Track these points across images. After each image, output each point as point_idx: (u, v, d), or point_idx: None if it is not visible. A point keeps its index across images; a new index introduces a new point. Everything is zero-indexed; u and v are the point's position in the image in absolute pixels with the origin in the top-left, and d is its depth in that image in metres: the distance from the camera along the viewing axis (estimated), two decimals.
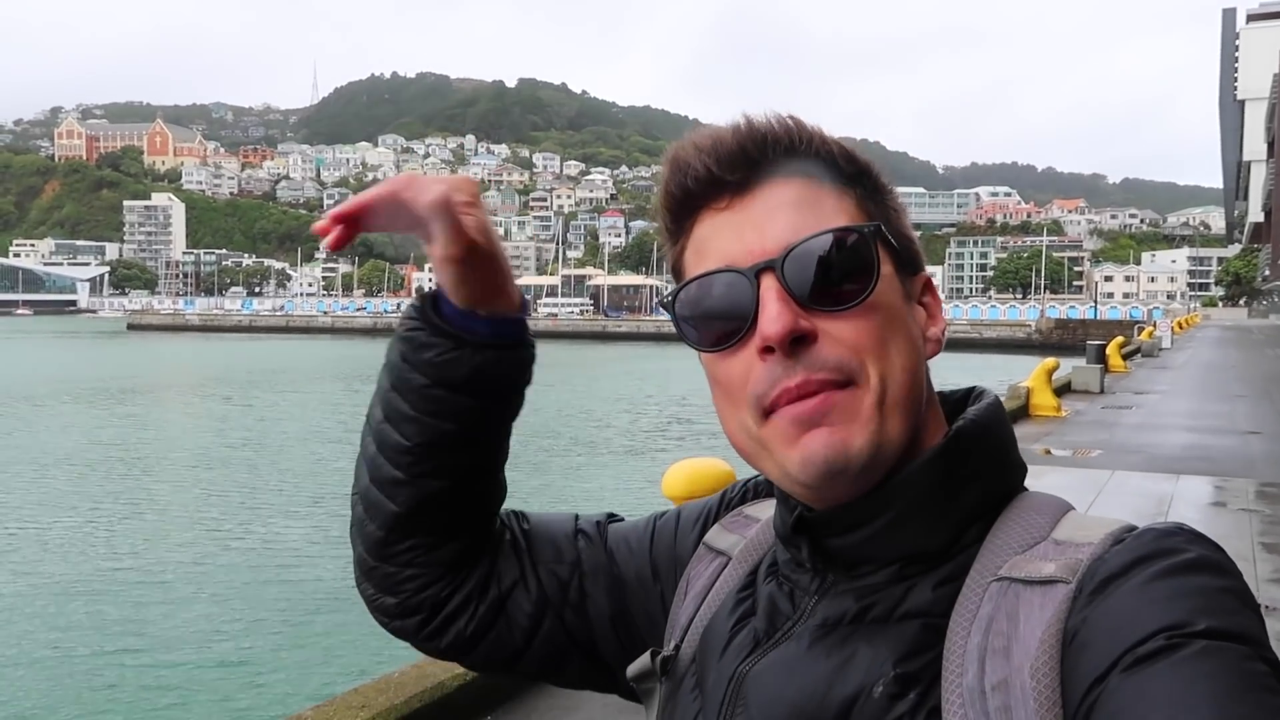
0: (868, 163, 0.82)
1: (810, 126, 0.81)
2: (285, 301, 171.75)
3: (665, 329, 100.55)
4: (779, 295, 0.74)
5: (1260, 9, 78.47)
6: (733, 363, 0.77)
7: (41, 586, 11.93)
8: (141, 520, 15.71)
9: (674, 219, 0.84)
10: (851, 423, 0.74)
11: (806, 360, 0.74)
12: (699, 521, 0.99)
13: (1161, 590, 0.64)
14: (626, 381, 44.91)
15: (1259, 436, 12.83)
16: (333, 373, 50.05)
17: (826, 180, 0.79)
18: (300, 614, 10.91)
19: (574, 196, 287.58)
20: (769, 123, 0.80)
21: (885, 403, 0.75)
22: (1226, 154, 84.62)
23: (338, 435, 25.67)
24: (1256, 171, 63.65)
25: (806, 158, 0.80)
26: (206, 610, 11.02)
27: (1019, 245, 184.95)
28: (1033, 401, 14.61)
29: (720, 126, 0.81)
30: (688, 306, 0.80)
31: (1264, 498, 8.82)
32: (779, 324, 0.73)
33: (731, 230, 0.78)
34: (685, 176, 0.81)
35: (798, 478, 0.75)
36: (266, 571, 12.51)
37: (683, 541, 0.98)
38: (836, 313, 0.75)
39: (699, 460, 5.60)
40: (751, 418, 0.76)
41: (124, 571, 12.57)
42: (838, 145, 0.81)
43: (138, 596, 11.55)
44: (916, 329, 0.81)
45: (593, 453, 23.37)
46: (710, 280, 0.78)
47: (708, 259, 0.79)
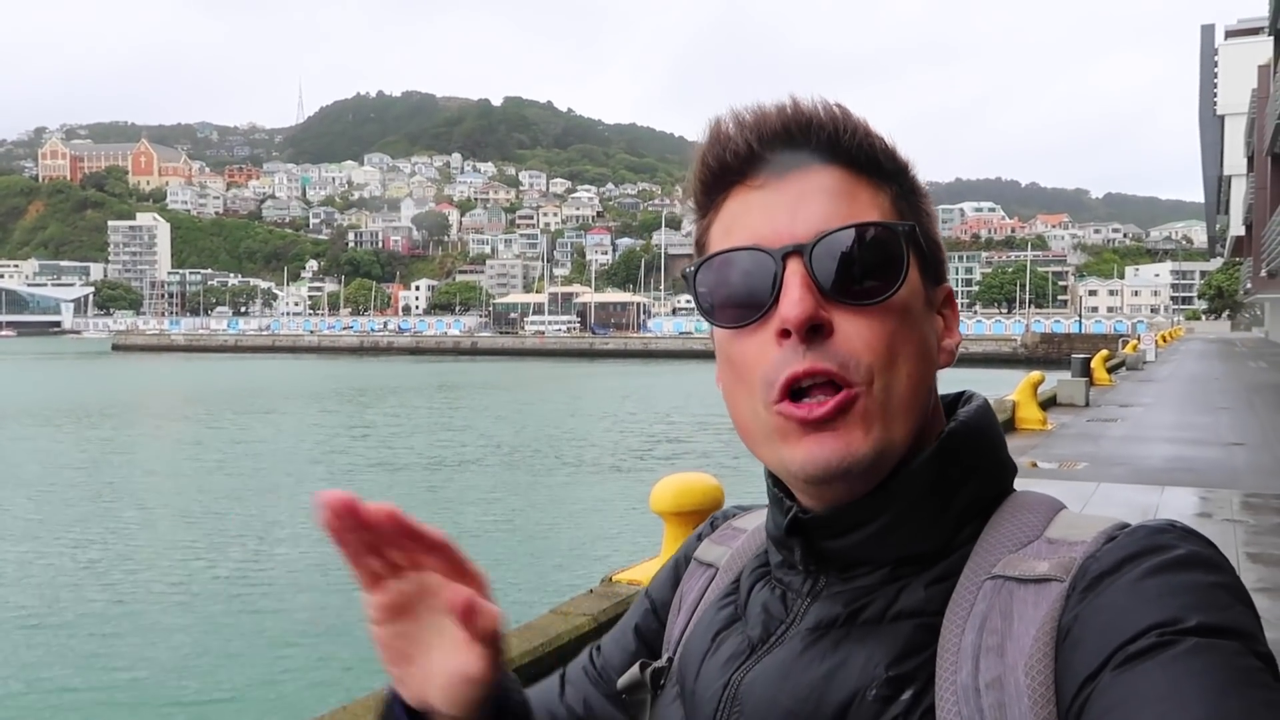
0: (907, 162, 0.81)
1: (856, 116, 0.79)
2: (271, 321, 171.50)
3: (652, 346, 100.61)
4: (803, 281, 0.73)
5: (1238, 25, 79.40)
6: (748, 343, 0.77)
7: (13, 615, 11.70)
8: (117, 546, 15.44)
9: (706, 192, 0.82)
10: (857, 428, 0.74)
11: (819, 350, 0.73)
12: (671, 571, 0.99)
13: (1153, 587, 0.64)
14: (613, 399, 44.92)
15: (1243, 448, 12.92)
16: (318, 392, 49.92)
17: (865, 173, 0.78)
18: (281, 639, 10.81)
19: (560, 214, 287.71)
20: (815, 107, 0.79)
21: (892, 408, 0.75)
22: (1207, 169, 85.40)
23: (319, 456, 25.59)
24: (1237, 186, 64.25)
25: (848, 147, 0.78)
26: (183, 638, 10.81)
27: (1004, 260, 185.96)
28: (1018, 415, 14.68)
29: (765, 104, 0.80)
30: (709, 281, 0.79)
31: (1248, 508, 8.88)
32: (799, 309, 0.72)
33: (763, 210, 0.77)
34: (724, 150, 0.79)
35: (798, 475, 0.75)
36: (246, 599, 12.29)
37: (660, 602, 0.97)
38: (858, 308, 0.74)
39: (687, 475, 5.63)
40: (760, 401, 0.76)
41: (97, 601, 12.30)
42: (880, 140, 0.80)
43: (111, 625, 11.31)
44: (933, 337, 0.80)
45: (580, 470, 23.31)
46: (735, 257, 0.77)
47: (735, 236, 0.78)
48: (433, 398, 46.82)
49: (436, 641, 0.74)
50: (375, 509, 0.70)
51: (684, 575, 0.96)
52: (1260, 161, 42.96)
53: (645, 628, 0.96)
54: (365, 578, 0.74)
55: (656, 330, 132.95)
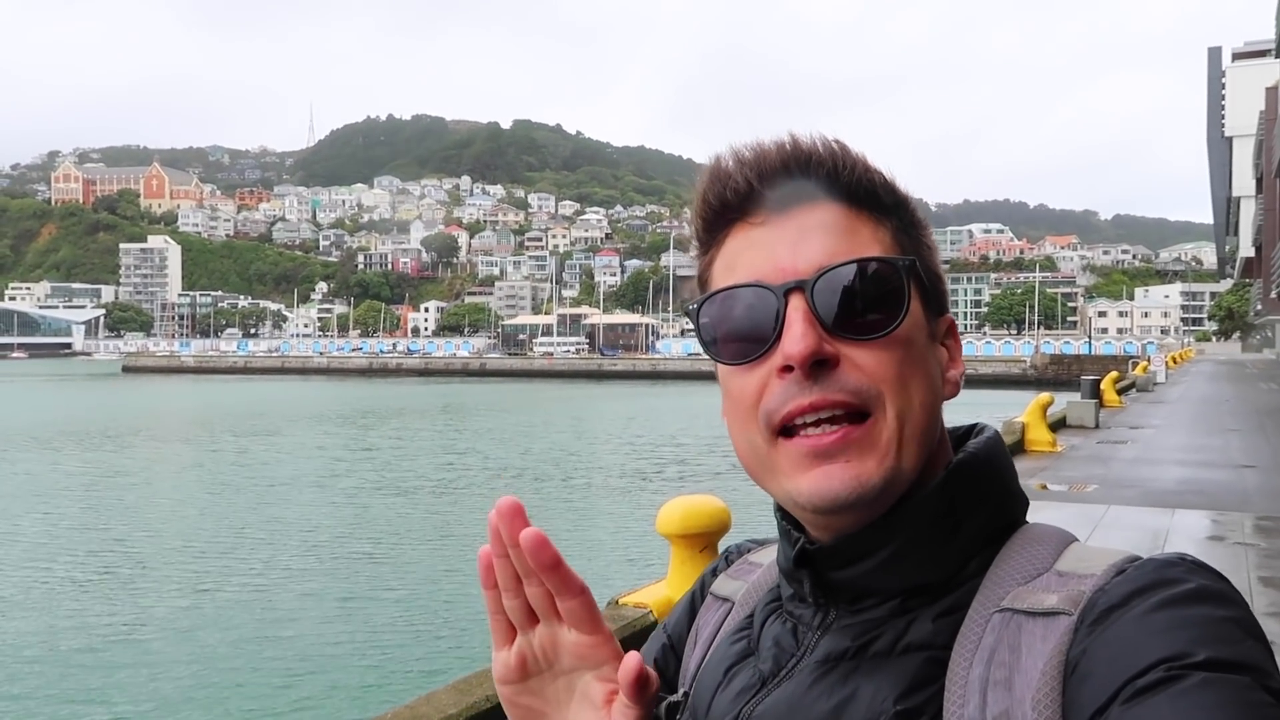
0: (906, 195, 0.82)
1: (855, 152, 0.80)
2: (281, 342, 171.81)
3: (661, 367, 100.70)
4: (805, 316, 0.74)
5: (1245, 48, 79.50)
6: (749, 378, 0.77)
7: (12, 640, 11.62)
8: (120, 570, 15.41)
9: (707, 229, 0.83)
10: (867, 458, 0.74)
11: (825, 383, 0.73)
12: (689, 605, 0.99)
13: (1161, 621, 0.64)
14: (622, 420, 44.87)
15: (1254, 470, 12.82)
16: (327, 414, 49.96)
17: (865, 208, 0.79)
18: (290, 666, 10.74)
19: (569, 236, 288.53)
20: (814, 143, 0.79)
21: (902, 438, 0.75)
22: (1216, 190, 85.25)
23: (327, 481, 25.57)
24: (1246, 207, 64.17)
25: (848, 182, 0.79)
26: (186, 668, 10.70)
27: (1013, 281, 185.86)
28: (1028, 437, 14.60)
29: (764, 141, 0.80)
30: (712, 317, 0.79)
31: (1261, 531, 8.79)
32: (802, 344, 0.73)
33: (764, 247, 0.78)
34: (725, 188, 0.80)
35: (805, 506, 0.75)
36: (249, 627, 12.18)
37: (678, 630, 0.97)
38: (861, 341, 0.75)
39: (694, 497, 5.58)
40: (761, 435, 0.76)
41: (98, 628, 12.21)
42: (879, 175, 0.80)
43: (112, 653, 11.22)
44: (937, 369, 0.81)
45: (588, 491, 23.26)
46: (737, 294, 0.77)
47: (737, 272, 0.79)
48: (440, 419, 46.83)
49: (567, 700, 0.75)
50: (531, 528, 0.70)
51: (700, 609, 0.97)
52: (1269, 183, 42.94)
53: (662, 662, 0.96)
54: (500, 628, 0.74)
55: (665, 351, 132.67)
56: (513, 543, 0.70)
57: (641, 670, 0.70)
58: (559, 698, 0.75)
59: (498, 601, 0.73)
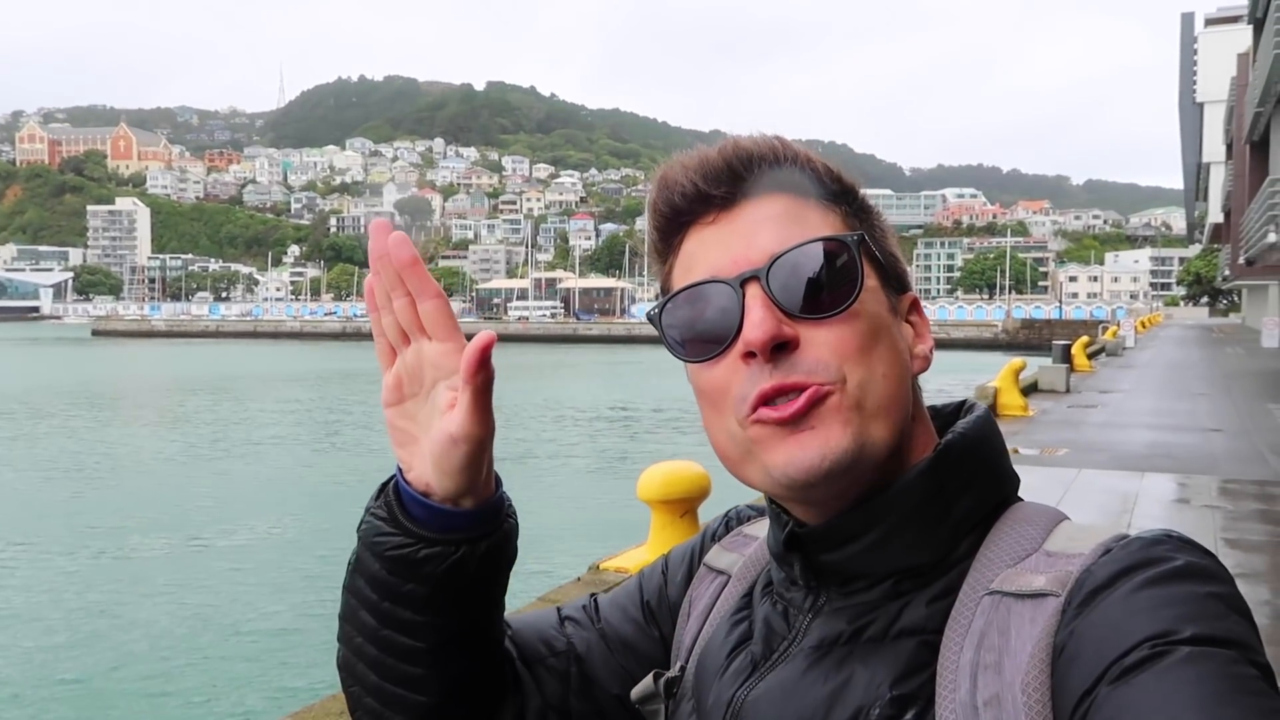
0: (853, 183, 0.83)
1: (795, 145, 0.82)
2: (253, 306, 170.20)
3: (636, 331, 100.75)
4: (763, 303, 0.75)
5: (1218, 14, 79.69)
6: (716, 372, 0.78)
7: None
8: (92, 536, 15.37)
9: (663, 237, 0.84)
10: (832, 424, 0.74)
11: (786, 365, 0.74)
12: (685, 559, 1.00)
13: (1146, 599, 0.64)
14: (598, 384, 44.92)
15: (1220, 434, 13.07)
16: (301, 376, 49.67)
17: (812, 196, 0.80)
18: (265, 628, 10.80)
19: (544, 199, 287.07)
20: (754, 141, 0.82)
21: (865, 406, 0.75)
22: (1186, 156, 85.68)
23: (304, 441, 25.50)
24: (1216, 173, 64.57)
25: (791, 174, 0.81)
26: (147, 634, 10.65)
27: (985, 246, 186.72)
28: (1000, 401, 14.79)
29: (707, 147, 0.82)
30: (674, 319, 0.81)
31: (1226, 494, 9.00)
32: (761, 330, 0.74)
33: (718, 243, 0.79)
34: (673, 193, 0.82)
35: (781, 480, 0.75)
36: (214, 595, 12.11)
37: (673, 580, 0.98)
38: (819, 320, 0.75)
39: (674, 463, 5.64)
40: (736, 422, 0.77)
41: (69, 596, 12.17)
42: (822, 163, 0.82)
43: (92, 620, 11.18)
44: (903, 343, 0.81)
45: (567, 457, 23.33)
46: (696, 291, 0.79)
47: (695, 272, 0.80)
48: None
49: (431, 420, 0.81)
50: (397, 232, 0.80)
51: (693, 581, 0.97)
52: (1239, 149, 43.24)
53: (656, 606, 0.98)
54: (383, 350, 0.83)
55: (640, 316, 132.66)
56: (381, 253, 0.78)
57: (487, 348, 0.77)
58: (427, 421, 0.82)
59: (380, 324, 0.81)
